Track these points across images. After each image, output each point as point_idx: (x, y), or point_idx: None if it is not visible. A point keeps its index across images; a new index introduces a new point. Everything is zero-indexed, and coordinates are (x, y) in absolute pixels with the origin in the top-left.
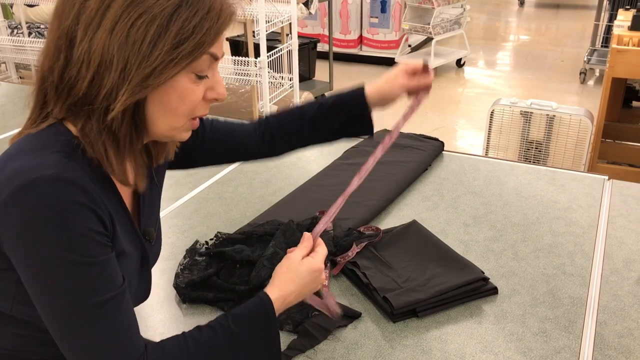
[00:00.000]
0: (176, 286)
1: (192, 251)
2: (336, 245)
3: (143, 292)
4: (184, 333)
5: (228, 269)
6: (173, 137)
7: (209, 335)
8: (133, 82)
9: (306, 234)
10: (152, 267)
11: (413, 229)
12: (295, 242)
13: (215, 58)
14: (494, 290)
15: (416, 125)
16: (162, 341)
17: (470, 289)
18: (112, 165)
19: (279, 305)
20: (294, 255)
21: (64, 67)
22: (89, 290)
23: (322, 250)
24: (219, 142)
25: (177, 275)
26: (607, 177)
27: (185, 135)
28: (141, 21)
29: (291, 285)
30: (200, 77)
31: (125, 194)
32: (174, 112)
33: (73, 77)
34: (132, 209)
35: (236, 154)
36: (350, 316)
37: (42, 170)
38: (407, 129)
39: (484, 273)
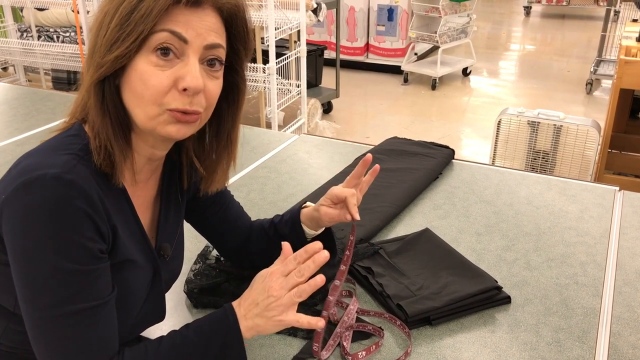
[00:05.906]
0: (188, 291)
1: (203, 256)
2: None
3: (154, 310)
4: (145, 343)
5: (239, 276)
6: (156, 130)
7: (169, 345)
8: (95, 61)
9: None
10: (167, 287)
11: (425, 237)
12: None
13: (181, 38)
14: (507, 300)
15: (422, 134)
16: (126, 350)
17: (484, 297)
18: (114, 156)
19: (240, 312)
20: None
21: None
22: (68, 296)
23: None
24: (221, 220)
25: (189, 281)
26: (617, 188)
27: (170, 129)
28: (110, 6)
29: (249, 299)
30: (165, 58)
31: (143, 207)
32: (140, 98)
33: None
34: (151, 224)
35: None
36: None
37: (48, 169)
38: (415, 136)
39: (497, 282)
